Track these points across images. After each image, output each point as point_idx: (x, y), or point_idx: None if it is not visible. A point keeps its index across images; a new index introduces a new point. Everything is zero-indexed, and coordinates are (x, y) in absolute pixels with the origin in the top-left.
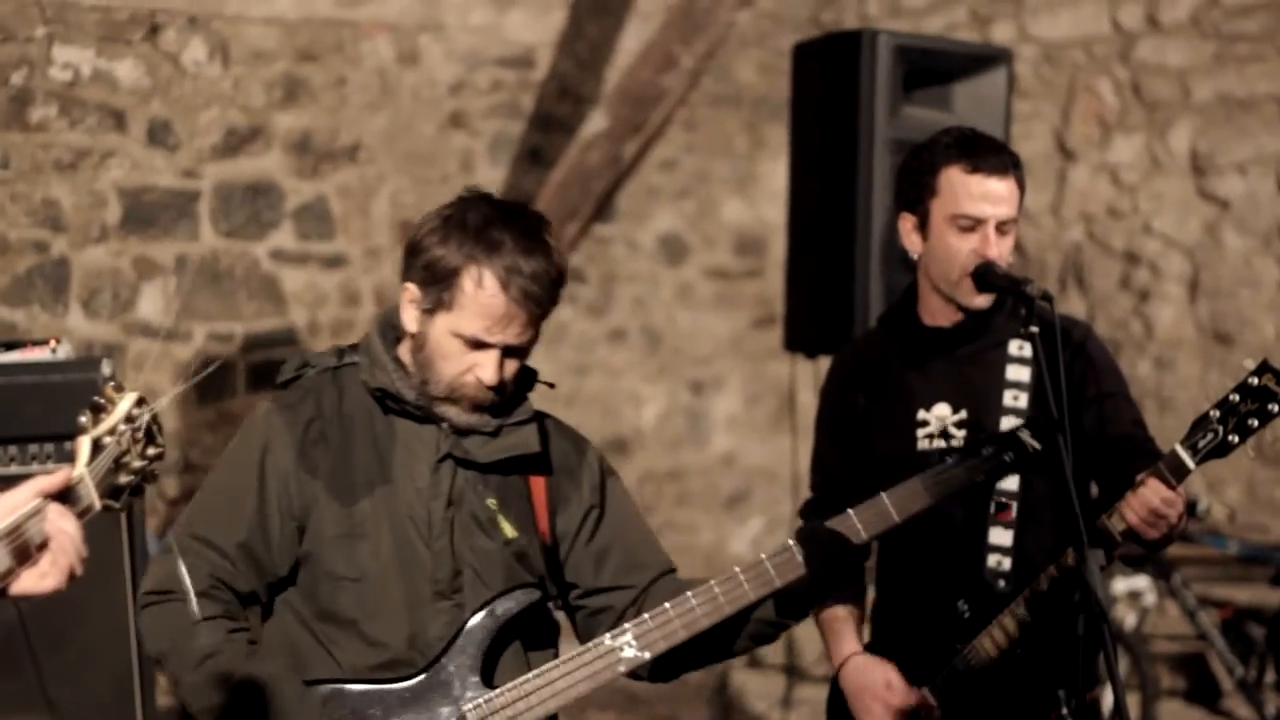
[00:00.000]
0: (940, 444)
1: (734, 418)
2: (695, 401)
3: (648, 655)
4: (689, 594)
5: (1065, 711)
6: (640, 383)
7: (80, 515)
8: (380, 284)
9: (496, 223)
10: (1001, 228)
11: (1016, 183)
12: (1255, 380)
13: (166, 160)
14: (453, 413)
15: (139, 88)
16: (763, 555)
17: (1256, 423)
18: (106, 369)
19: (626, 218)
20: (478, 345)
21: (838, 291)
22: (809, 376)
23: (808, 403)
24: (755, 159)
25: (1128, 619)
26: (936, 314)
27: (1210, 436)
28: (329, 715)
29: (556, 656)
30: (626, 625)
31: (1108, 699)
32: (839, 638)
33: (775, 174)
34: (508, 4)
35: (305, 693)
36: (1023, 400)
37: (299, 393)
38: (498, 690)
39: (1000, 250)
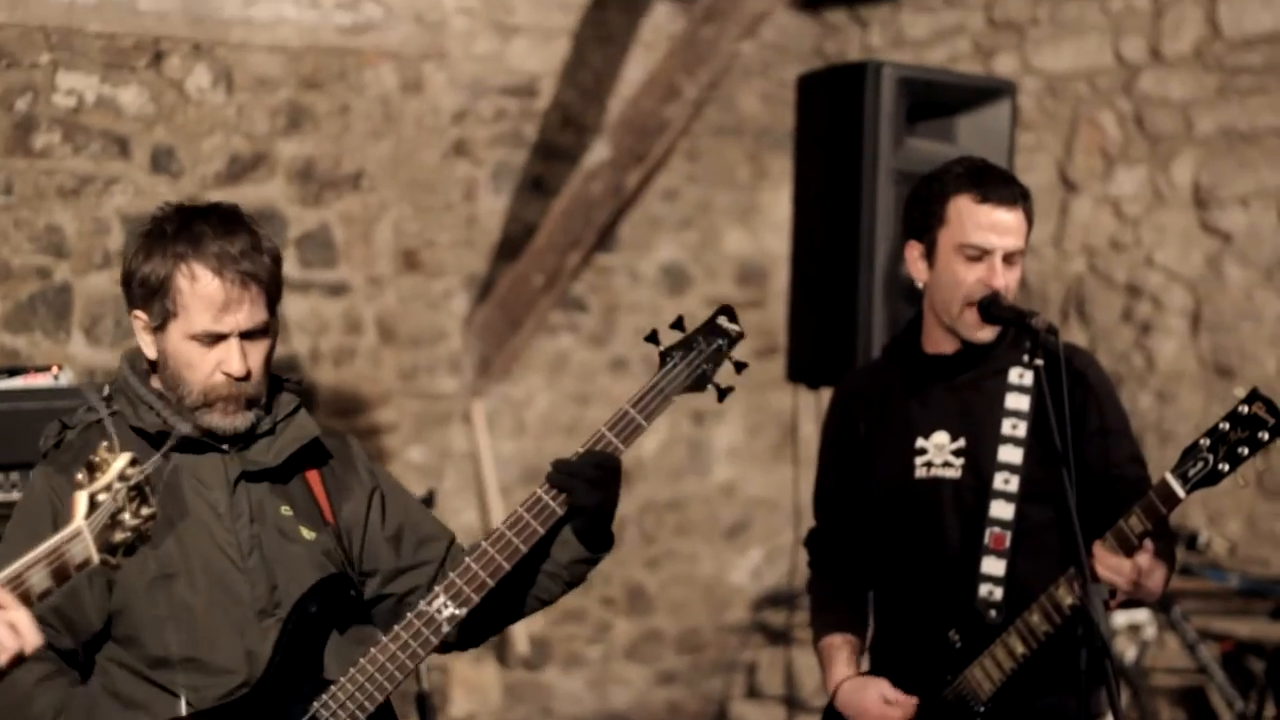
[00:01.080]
0: (939, 472)
1: (735, 448)
2: (696, 431)
3: (464, 611)
4: (483, 542)
5: None
6: None
7: (79, 568)
8: (382, 312)
9: (193, 221)
10: (1008, 259)
11: (1025, 215)
12: (1245, 409)
13: (170, 187)
14: (215, 419)
15: (143, 114)
16: (519, 507)
17: (1246, 451)
18: None
19: (628, 247)
20: (214, 340)
21: (841, 322)
22: (811, 407)
23: (809, 433)
24: (757, 189)
25: (1128, 652)
26: (939, 342)
27: (1200, 465)
28: None
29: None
30: (436, 588)
31: None
32: (833, 664)
33: (777, 204)
34: (511, 32)
35: None
36: (1021, 429)
37: (69, 453)
38: (338, 684)
39: (1006, 281)
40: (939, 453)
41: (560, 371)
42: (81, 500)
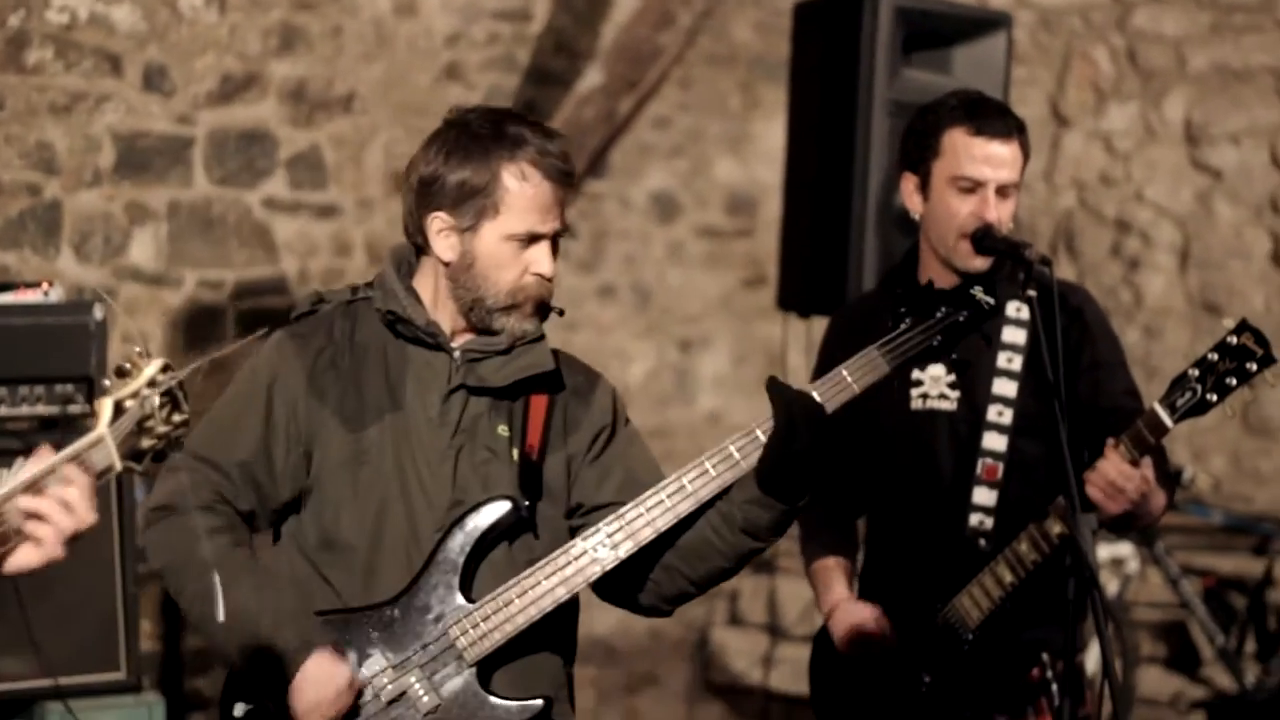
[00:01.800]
0: (934, 404)
1: (721, 377)
2: (683, 360)
3: (621, 555)
4: (656, 488)
5: (1050, 675)
6: (628, 340)
7: (100, 475)
8: (372, 234)
9: (506, 122)
10: (1002, 191)
11: (1020, 148)
12: (1234, 339)
13: (161, 106)
14: (515, 321)
15: (135, 32)
16: (727, 441)
17: (1235, 381)
18: (99, 313)
19: (619, 174)
20: (531, 240)
21: (833, 252)
22: (800, 337)
23: (798, 363)
24: (749, 119)
25: (1110, 586)
26: (936, 274)
27: (1189, 395)
28: (313, 630)
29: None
30: (599, 524)
31: (1090, 663)
32: (828, 586)
33: (769, 134)
34: None
35: (297, 608)
36: (1017, 362)
37: (312, 324)
38: (477, 604)
39: (1000, 214)
40: (935, 385)
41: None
42: (106, 406)
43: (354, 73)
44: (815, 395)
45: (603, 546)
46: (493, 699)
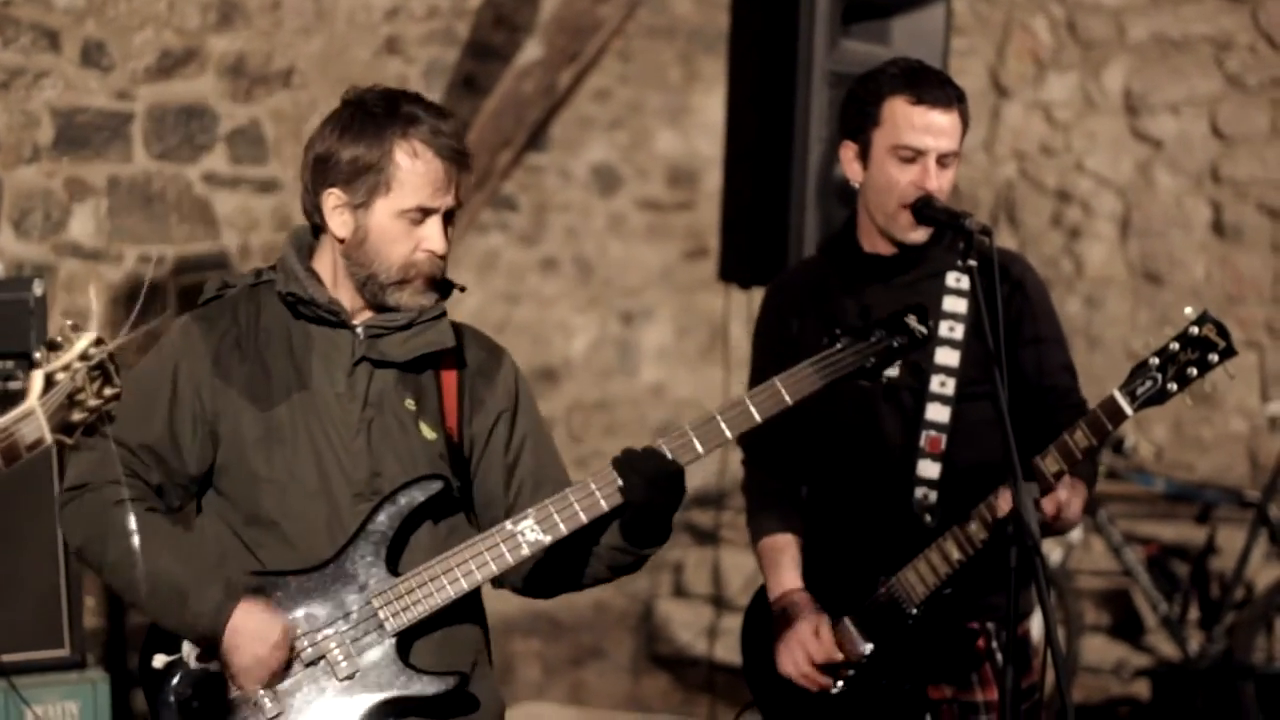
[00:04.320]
0: None
1: (664, 349)
2: (625, 332)
3: (548, 538)
4: (589, 480)
5: (995, 645)
6: (571, 312)
7: (30, 448)
8: None
9: (401, 101)
10: (942, 161)
11: (960, 117)
12: (1196, 330)
13: (100, 81)
14: (407, 296)
15: (73, 8)
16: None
17: (1195, 372)
18: (38, 289)
19: (560, 147)
20: (423, 215)
21: (773, 223)
22: (742, 308)
23: (740, 335)
24: (689, 91)
25: (1054, 554)
26: (875, 243)
27: (1149, 384)
28: (239, 585)
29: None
30: (528, 510)
31: (1035, 630)
32: (778, 569)
33: (709, 106)
34: None
35: (220, 565)
36: (959, 331)
37: (217, 308)
38: (402, 577)
39: (940, 183)
40: None
41: (490, 270)
42: (37, 379)
43: (293, 47)
44: (750, 405)
45: (531, 530)
46: (411, 670)
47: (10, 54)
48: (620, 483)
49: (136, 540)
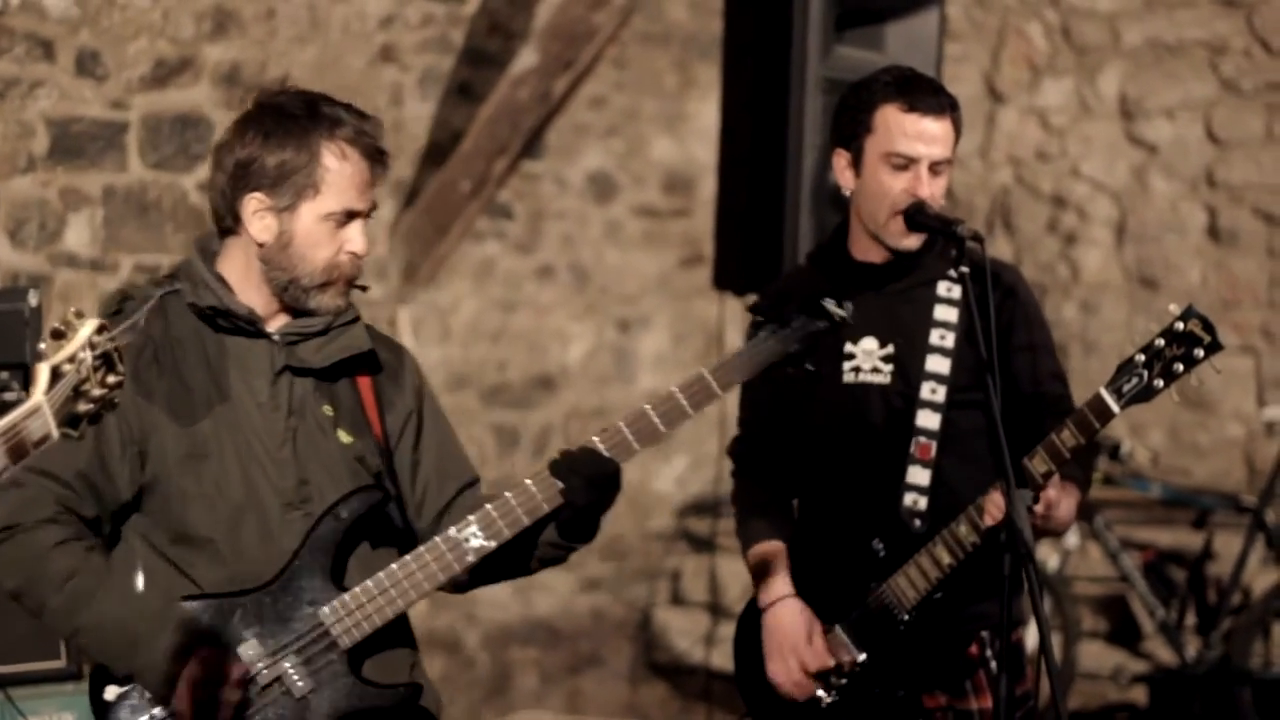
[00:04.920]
0: (867, 378)
1: (660, 356)
2: (622, 339)
3: (493, 544)
4: (527, 481)
5: (989, 653)
6: (567, 320)
7: (37, 444)
8: None
9: (320, 103)
10: (934, 168)
11: (953, 125)
12: (1181, 325)
13: (95, 91)
14: (328, 299)
15: (68, 17)
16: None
17: (1181, 368)
18: (34, 299)
19: (555, 155)
20: (348, 218)
21: (767, 230)
22: (737, 316)
23: (735, 342)
24: (684, 98)
25: (1050, 560)
26: (867, 250)
27: (1135, 381)
28: (188, 628)
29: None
30: (470, 518)
31: (1030, 639)
32: (769, 576)
33: (704, 113)
34: None
35: (167, 607)
36: (950, 340)
37: (125, 320)
38: (350, 593)
39: (932, 191)
40: (867, 358)
41: (486, 278)
42: (43, 373)
43: (288, 56)
44: (681, 399)
45: (475, 537)
46: (365, 684)
47: (5, 64)
48: (560, 485)
49: (80, 584)
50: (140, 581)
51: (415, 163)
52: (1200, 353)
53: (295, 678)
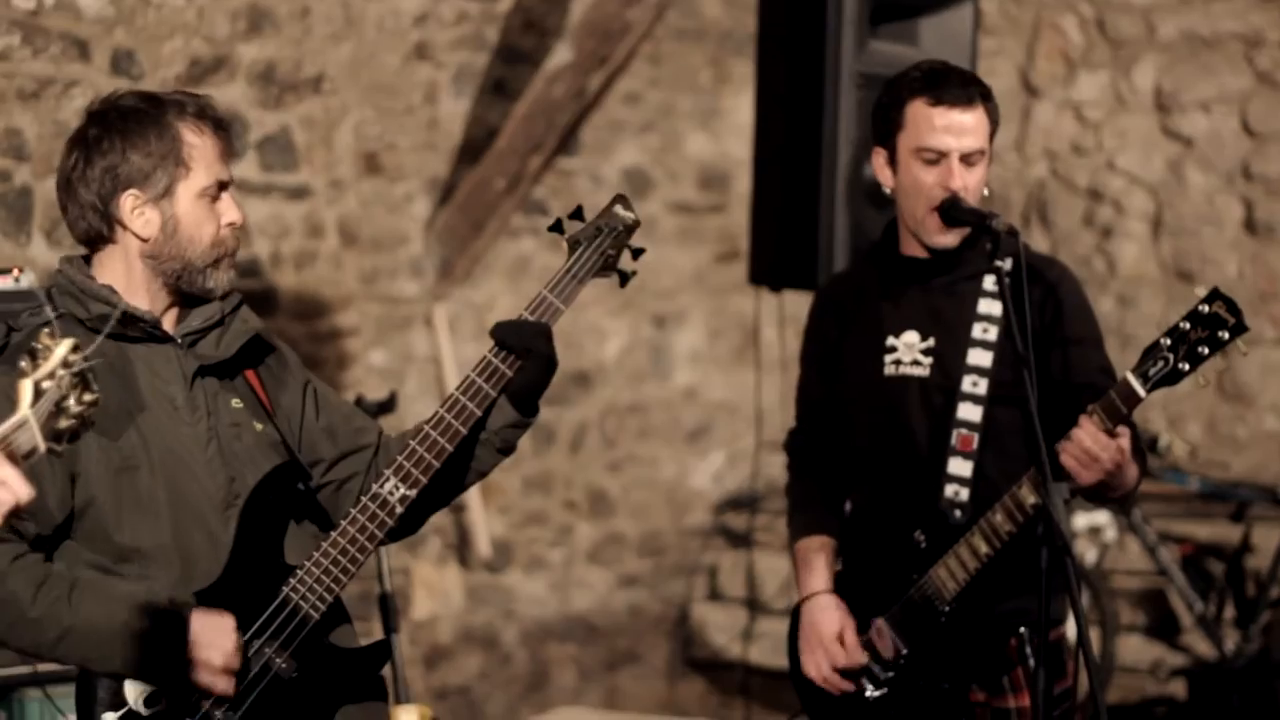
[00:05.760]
0: (907, 370)
1: (696, 352)
2: (658, 335)
3: (414, 491)
4: (424, 425)
5: (1028, 647)
6: (603, 316)
7: (26, 457)
8: (344, 215)
9: (154, 95)
10: (967, 159)
11: (985, 114)
12: (1205, 308)
13: (130, 90)
14: (222, 276)
15: (102, 17)
16: (470, 372)
17: (1207, 350)
18: None
19: (590, 151)
20: (220, 190)
21: (803, 225)
22: (773, 310)
23: (771, 337)
24: (719, 93)
25: (1088, 554)
26: (912, 246)
27: (1161, 364)
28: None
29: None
30: (386, 471)
31: (1072, 635)
32: (809, 570)
33: (739, 108)
34: None
35: (150, 596)
36: (992, 333)
37: (18, 353)
38: (303, 567)
39: (966, 182)
40: (908, 351)
41: (521, 275)
42: (26, 388)
43: (323, 54)
44: (535, 317)
45: (398, 488)
46: (345, 649)
47: (40, 63)
48: (507, 354)
49: (52, 589)
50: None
51: (450, 160)
52: (1225, 335)
53: (280, 662)
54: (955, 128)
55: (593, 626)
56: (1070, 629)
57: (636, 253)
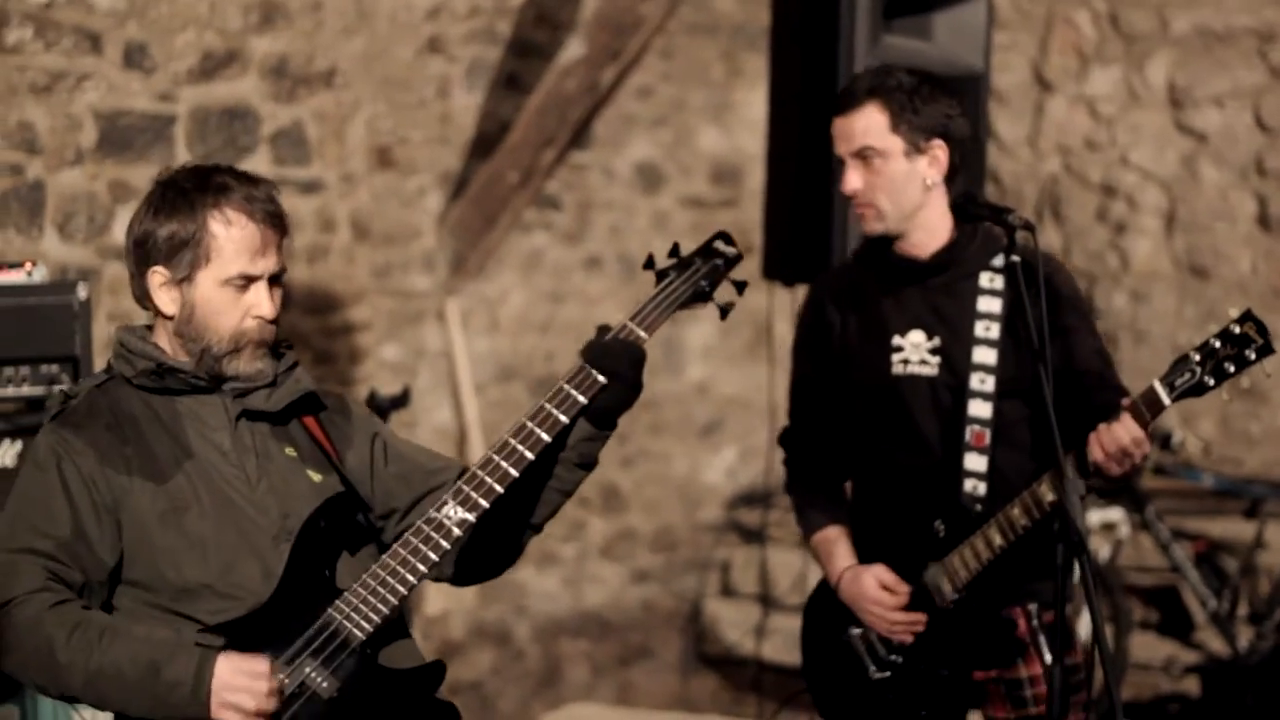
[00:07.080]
0: (915, 369)
1: (709, 347)
2: (670, 330)
3: (473, 515)
4: (490, 453)
5: (1036, 624)
6: (616, 310)
7: None
8: (356, 209)
9: (210, 175)
10: (863, 158)
11: (875, 109)
12: (1237, 328)
13: (142, 83)
14: (242, 364)
15: (115, 10)
16: (542, 400)
17: (1233, 368)
18: (83, 292)
19: (603, 145)
20: (246, 284)
21: (816, 220)
22: (786, 306)
23: (784, 332)
24: (732, 88)
25: (1101, 551)
26: (907, 245)
27: (1188, 376)
28: (205, 646)
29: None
30: (445, 495)
31: (1081, 629)
32: (833, 557)
33: (751, 103)
34: None
35: (180, 636)
36: (995, 330)
37: (76, 414)
38: (350, 589)
39: (854, 185)
40: (915, 350)
41: (534, 269)
42: None
43: (335, 47)
44: (637, 335)
45: (455, 510)
46: (394, 670)
47: (52, 57)
48: (592, 372)
49: (86, 633)
50: (147, 625)
51: (463, 154)
52: (1252, 355)
53: (319, 679)
54: (839, 134)
55: (605, 622)
56: (1082, 620)
57: (740, 286)
